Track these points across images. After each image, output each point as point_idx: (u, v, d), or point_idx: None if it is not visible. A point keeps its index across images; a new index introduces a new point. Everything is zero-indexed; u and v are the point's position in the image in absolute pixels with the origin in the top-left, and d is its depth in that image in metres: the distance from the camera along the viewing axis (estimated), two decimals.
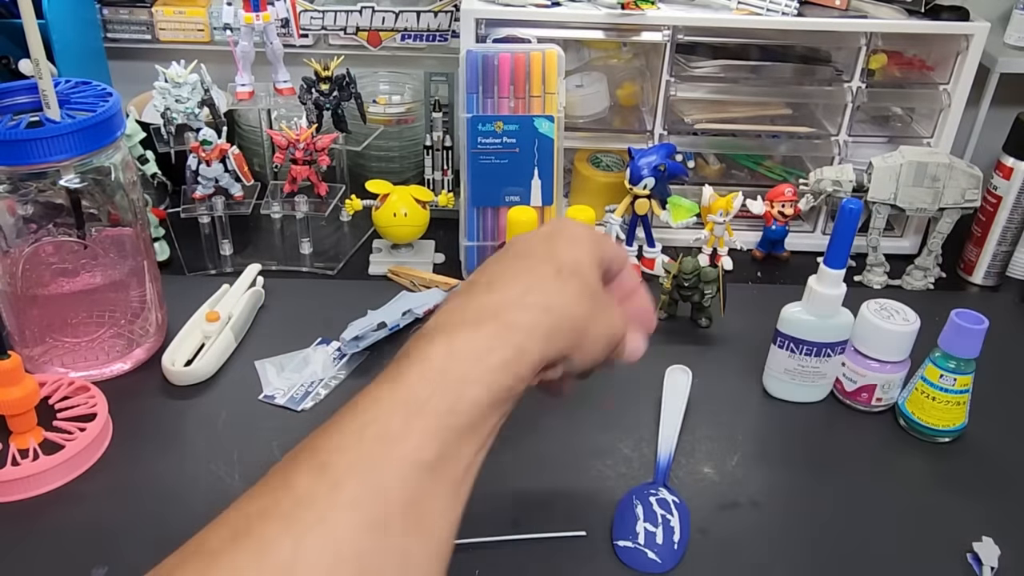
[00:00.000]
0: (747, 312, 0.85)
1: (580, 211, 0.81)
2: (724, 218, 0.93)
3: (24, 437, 0.65)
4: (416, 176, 1.09)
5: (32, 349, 0.74)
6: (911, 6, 0.91)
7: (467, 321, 0.43)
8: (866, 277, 0.95)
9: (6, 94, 0.69)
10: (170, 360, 0.75)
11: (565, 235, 0.50)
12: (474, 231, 0.90)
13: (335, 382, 0.75)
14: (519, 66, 0.84)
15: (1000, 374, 0.77)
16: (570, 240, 0.49)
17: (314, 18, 1.07)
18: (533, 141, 0.86)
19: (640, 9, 0.87)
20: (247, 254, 0.94)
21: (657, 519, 0.59)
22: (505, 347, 0.42)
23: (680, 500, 0.62)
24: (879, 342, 0.71)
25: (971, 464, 0.69)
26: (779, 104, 1.00)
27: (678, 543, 0.58)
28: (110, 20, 1.08)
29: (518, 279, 0.46)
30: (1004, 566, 0.59)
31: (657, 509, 0.60)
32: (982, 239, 0.94)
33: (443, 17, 1.07)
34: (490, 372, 0.41)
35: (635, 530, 0.59)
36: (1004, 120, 0.92)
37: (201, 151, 0.86)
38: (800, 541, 0.61)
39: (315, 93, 0.91)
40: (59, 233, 0.71)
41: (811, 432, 0.72)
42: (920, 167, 0.90)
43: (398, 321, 0.80)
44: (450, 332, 0.42)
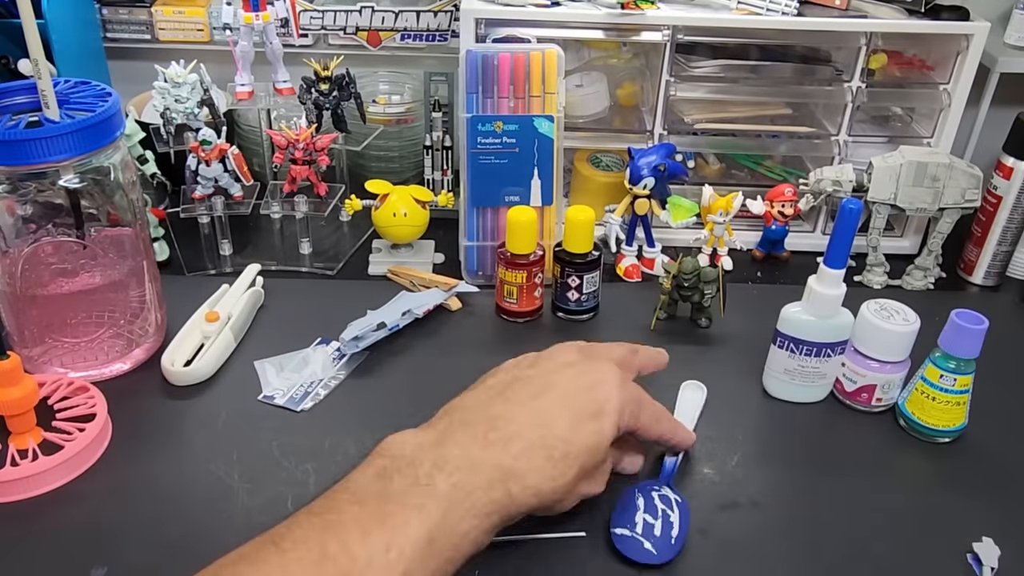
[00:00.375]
0: (747, 312, 0.85)
1: (580, 211, 0.81)
2: (724, 218, 0.93)
3: (23, 437, 0.64)
4: (416, 176, 1.09)
5: (31, 349, 0.74)
6: (911, 6, 0.91)
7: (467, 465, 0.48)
8: (866, 277, 0.95)
9: (5, 94, 0.69)
10: (170, 360, 0.75)
11: (593, 410, 0.53)
12: (474, 231, 0.90)
13: (335, 382, 0.75)
14: (519, 66, 0.84)
15: (1000, 374, 0.77)
16: (595, 417, 0.52)
17: (314, 18, 1.07)
18: (533, 141, 0.86)
19: (640, 9, 0.87)
20: (247, 254, 0.94)
21: (657, 512, 0.59)
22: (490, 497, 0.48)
23: (682, 499, 0.61)
24: (879, 342, 0.71)
25: (971, 464, 0.69)
26: (779, 104, 1.00)
27: (675, 538, 0.58)
28: (110, 20, 1.08)
29: (525, 440, 0.50)
30: (1004, 566, 0.59)
31: (658, 503, 0.60)
32: (982, 239, 0.94)
33: (443, 17, 1.07)
34: (476, 517, 0.47)
35: (634, 520, 0.59)
36: (1004, 120, 0.92)
37: (201, 151, 0.86)
38: (800, 541, 0.61)
39: (315, 93, 0.91)
40: (58, 233, 0.71)
41: (811, 432, 0.72)
42: (920, 167, 0.90)
43: (398, 321, 0.80)
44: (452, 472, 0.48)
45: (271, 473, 0.65)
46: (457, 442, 0.49)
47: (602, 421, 0.53)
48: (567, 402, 0.52)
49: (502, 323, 0.85)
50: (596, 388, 0.54)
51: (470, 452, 0.48)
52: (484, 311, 0.87)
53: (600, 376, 0.55)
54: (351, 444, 0.68)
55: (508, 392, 0.53)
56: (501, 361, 0.79)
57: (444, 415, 0.53)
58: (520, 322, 0.85)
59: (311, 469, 0.66)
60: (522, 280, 0.83)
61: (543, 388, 0.53)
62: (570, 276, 0.83)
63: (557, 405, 0.52)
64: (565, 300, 0.85)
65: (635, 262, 0.94)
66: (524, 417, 0.51)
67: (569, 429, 0.51)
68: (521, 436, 0.50)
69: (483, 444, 0.49)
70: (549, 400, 0.52)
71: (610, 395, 0.54)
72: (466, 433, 0.49)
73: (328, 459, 0.67)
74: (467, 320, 0.85)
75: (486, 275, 0.91)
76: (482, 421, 0.50)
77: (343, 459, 0.67)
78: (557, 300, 0.85)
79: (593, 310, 0.86)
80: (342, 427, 0.70)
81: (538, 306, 0.85)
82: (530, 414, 0.51)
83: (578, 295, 0.84)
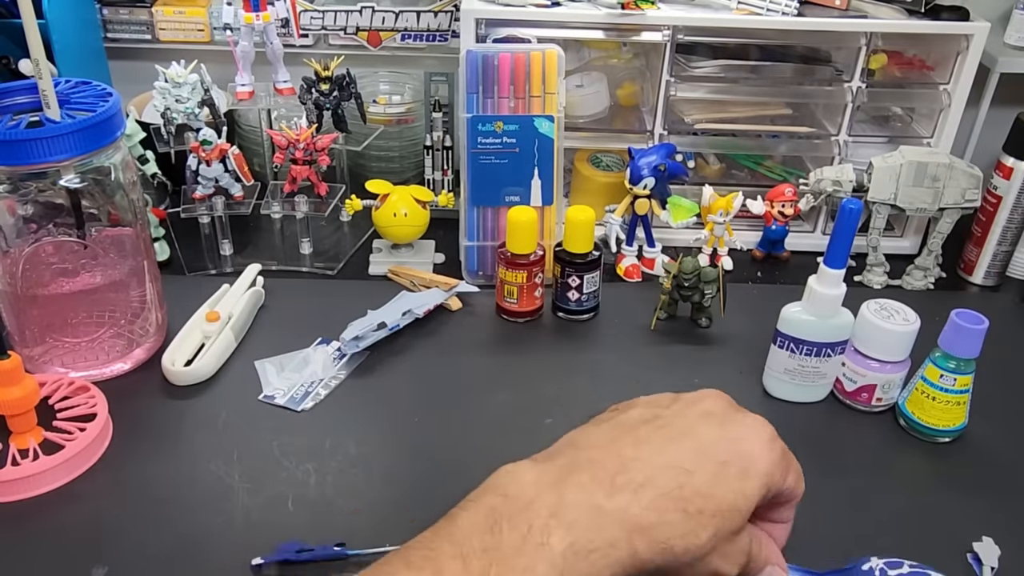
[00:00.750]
0: (747, 312, 0.85)
1: (580, 211, 0.81)
2: (724, 218, 0.93)
3: (24, 437, 0.65)
4: (416, 176, 1.09)
5: (32, 349, 0.74)
6: (911, 6, 0.91)
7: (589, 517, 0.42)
8: (866, 277, 0.95)
9: (6, 94, 0.69)
10: (170, 360, 0.75)
11: (743, 460, 0.46)
12: (474, 231, 0.90)
13: (335, 382, 0.75)
14: (519, 66, 0.84)
15: (1000, 374, 0.77)
16: (742, 474, 0.46)
17: (314, 18, 1.07)
18: (533, 141, 0.86)
19: (640, 9, 0.87)
20: (247, 254, 0.94)
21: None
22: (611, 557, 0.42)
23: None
24: (879, 342, 0.71)
25: (971, 464, 0.69)
26: (779, 104, 1.00)
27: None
28: (110, 20, 1.08)
29: (658, 489, 0.44)
30: (1004, 566, 0.59)
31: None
32: (982, 239, 0.94)
33: (443, 17, 1.07)
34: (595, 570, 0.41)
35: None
36: (1004, 120, 0.92)
37: (201, 151, 0.86)
38: (800, 541, 0.61)
39: (315, 93, 0.91)
40: (59, 233, 0.71)
41: (811, 432, 0.72)
42: (920, 167, 0.90)
43: (398, 321, 0.80)
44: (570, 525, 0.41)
45: (271, 473, 0.65)
46: (580, 484, 0.43)
47: (747, 481, 0.46)
48: (710, 453, 0.46)
49: (502, 323, 0.85)
50: (744, 442, 0.47)
51: (595, 499, 0.42)
52: (484, 311, 0.87)
53: (750, 431, 0.49)
54: (351, 444, 0.68)
55: (641, 432, 0.47)
56: (501, 361, 0.80)
57: (567, 447, 0.47)
58: (520, 322, 0.85)
59: (311, 469, 0.66)
60: (522, 280, 0.83)
61: (683, 433, 0.47)
62: (570, 276, 0.83)
63: (698, 455, 0.46)
64: (565, 300, 0.85)
65: (635, 262, 0.94)
66: (659, 462, 0.45)
67: (710, 483, 0.45)
68: (654, 484, 0.43)
69: (609, 490, 0.43)
70: (689, 447, 0.46)
71: (761, 454, 0.47)
72: (591, 474, 0.44)
73: (328, 459, 0.67)
74: (467, 320, 0.85)
75: (486, 275, 0.91)
76: (610, 461, 0.44)
77: (343, 459, 0.67)
78: (557, 300, 0.85)
79: (593, 310, 0.86)
80: (342, 427, 0.70)
81: (538, 306, 0.86)
82: (667, 460, 0.45)
83: (578, 295, 0.84)
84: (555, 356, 0.81)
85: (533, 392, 0.75)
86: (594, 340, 0.83)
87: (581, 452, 0.46)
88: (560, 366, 0.79)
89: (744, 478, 0.46)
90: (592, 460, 0.45)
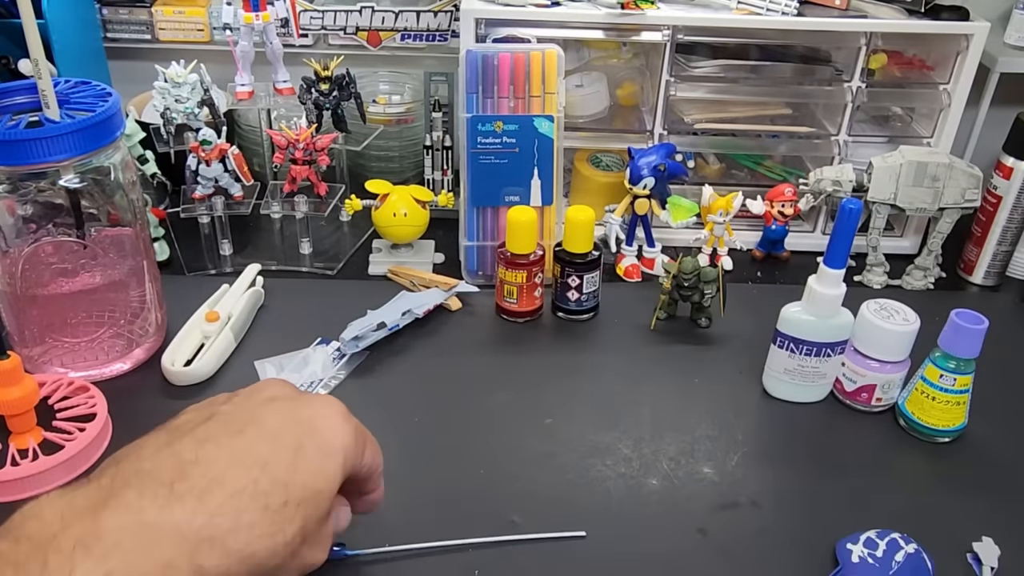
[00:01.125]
0: (747, 312, 0.85)
1: (580, 211, 0.81)
2: (724, 218, 0.93)
3: (24, 437, 0.64)
4: (416, 176, 1.09)
5: (32, 349, 0.74)
6: (911, 6, 0.91)
7: (133, 538, 0.35)
8: (866, 277, 0.95)
9: (6, 94, 0.69)
10: (170, 360, 0.75)
11: (319, 440, 0.42)
12: (474, 231, 0.90)
13: (335, 382, 0.75)
14: (519, 66, 0.84)
15: (1000, 374, 0.77)
16: (321, 454, 0.42)
17: (314, 18, 1.07)
18: (533, 141, 0.86)
19: (640, 9, 0.87)
20: (247, 254, 0.94)
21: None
22: (183, 571, 0.35)
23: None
24: (879, 342, 0.71)
25: (971, 464, 0.69)
26: (779, 104, 1.00)
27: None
28: (110, 20, 1.08)
29: (229, 488, 0.37)
30: (1004, 566, 0.59)
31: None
32: (982, 239, 0.94)
33: (443, 17, 1.07)
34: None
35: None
36: (1004, 120, 0.92)
37: (201, 151, 0.86)
38: (800, 541, 0.61)
39: (315, 93, 0.91)
40: (59, 233, 0.71)
41: (811, 432, 0.72)
42: (920, 167, 0.90)
43: (398, 321, 0.80)
44: (106, 553, 0.34)
45: None
46: (125, 503, 0.35)
47: (327, 461, 0.42)
48: (282, 439, 0.41)
49: (502, 323, 0.85)
50: (316, 421, 0.43)
51: (144, 516, 0.35)
52: (484, 311, 0.87)
53: (320, 409, 0.44)
54: None
55: (200, 432, 0.40)
56: (501, 361, 0.80)
57: (111, 464, 0.39)
58: (520, 322, 0.85)
59: None
60: (522, 280, 0.83)
61: (247, 423, 0.41)
62: (570, 276, 0.83)
63: (269, 443, 0.40)
64: (565, 300, 0.85)
65: (635, 262, 0.94)
66: (226, 460, 0.38)
67: (289, 470, 0.39)
68: (224, 484, 0.37)
69: (165, 502, 0.36)
70: (257, 437, 0.40)
71: (335, 430, 0.43)
72: (139, 488, 0.36)
73: None
74: (467, 320, 0.85)
75: (486, 275, 0.91)
76: (165, 469, 0.37)
77: None
78: (557, 300, 0.85)
79: (593, 310, 0.86)
80: None
81: (538, 306, 0.85)
82: (234, 455, 0.39)
83: (578, 295, 0.84)
84: (555, 356, 0.81)
85: (533, 392, 0.75)
86: (594, 340, 0.83)
87: (128, 466, 0.38)
88: (560, 366, 0.79)
89: (324, 458, 0.42)
90: (142, 472, 0.38)
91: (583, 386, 0.76)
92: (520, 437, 0.70)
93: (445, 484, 0.65)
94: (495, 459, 0.68)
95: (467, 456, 0.67)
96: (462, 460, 0.67)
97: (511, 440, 0.69)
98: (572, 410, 0.73)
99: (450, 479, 0.65)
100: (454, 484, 0.65)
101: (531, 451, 0.69)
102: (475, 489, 0.65)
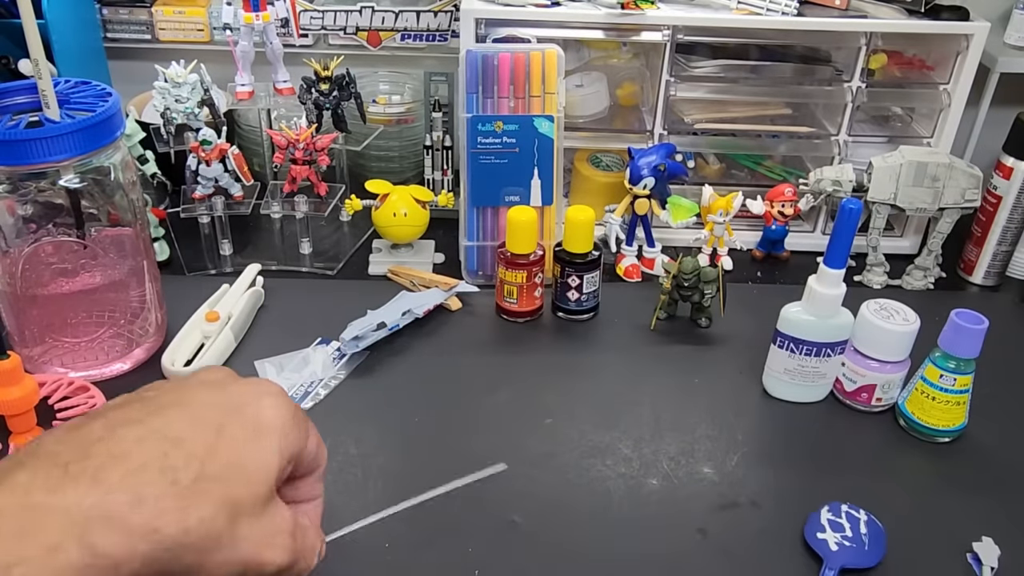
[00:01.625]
0: (747, 312, 0.85)
1: (580, 211, 0.81)
2: (724, 218, 0.93)
3: (24, 437, 0.64)
4: (416, 176, 1.09)
5: (32, 349, 0.74)
6: (911, 6, 0.91)
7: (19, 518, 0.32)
8: (866, 277, 0.95)
9: (6, 94, 0.69)
10: (170, 360, 0.75)
11: (248, 419, 0.38)
12: (474, 231, 0.90)
13: (335, 382, 0.75)
14: (519, 66, 0.84)
15: (1000, 374, 0.77)
16: (250, 431, 0.38)
17: (314, 18, 1.07)
18: (533, 141, 0.86)
19: (640, 9, 0.87)
20: (247, 254, 0.94)
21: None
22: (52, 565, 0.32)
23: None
24: (879, 342, 0.71)
25: (971, 464, 0.69)
26: (779, 104, 1.00)
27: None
28: (110, 20, 1.08)
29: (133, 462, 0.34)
30: (1004, 566, 0.59)
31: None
32: (982, 239, 0.94)
33: (443, 17, 1.07)
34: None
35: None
36: (1004, 120, 0.92)
37: (201, 151, 0.86)
38: (800, 541, 0.61)
39: (315, 93, 0.91)
40: (59, 233, 0.71)
41: (811, 432, 0.72)
42: (920, 167, 0.90)
43: (398, 321, 0.80)
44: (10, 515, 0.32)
45: None
46: (13, 486, 0.33)
47: (260, 440, 0.38)
48: (206, 417, 0.37)
49: (502, 323, 0.85)
50: (249, 401, 0.39)
51: (30, 499, 0.32)
52: (484, 311, 0.87)
53: (254, 389, 0.40)
54: (351, 444, 0.68)
55: (117, 413, 0.37)
56: (501, 361, 0.80)
57: (26, 448, 0.36)
58: (520, 322, 0.85)
59: None
60: (522, 280, 0.83)
61: (173, 404, 0.38)
62: (570, 276, 0.83)
63: (190, 421, 0.37)
64: (565, 300, 0.85)
65: (635, 262, 0.94)
66: (136, 436, 0.35)
67: (209, 447, 0.36)
68: (128, 459, 0.34)
69: (58, 483, 0.33)
70: (178, 416, 0.37)
71: (270, 409, 0.39)
72: (33, 471, 0.33)
73: (328, 459, 0.66)
74: (467, 320, 0.85)
75: (486, 275, 0.91)
76: (69, 451, 0.34)
77: (343, 459, 0.67)
78: (557, 300, 0.85)
79: (593, 310, 0.86)
80: (342, 427, 0.70)
81: (538, 306, 0.85)
82: (146, 432, 0.35)
83: (578, 295, 0.84)
84: (555, 356, 0.81)
85: (533, 392, 0.75)
86: (594, 340, 0.83)
87: (32, 447, 0.35)
88: (560, 366, 0.79)
89: (255, 437, 0.38)
90: (40, 453, 0.34)
91: (583, 386, 0.76)
92: (520, 437, 0.70)
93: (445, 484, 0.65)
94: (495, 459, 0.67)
95: (467, 456, 0.67)
96: (462, 460, 0.67)
97: (511, 440, 0.69)
98: (572, 410, 0.73)
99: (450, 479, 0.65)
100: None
101: (531, 451, 0.69)
102: (475, 489, 0.64)
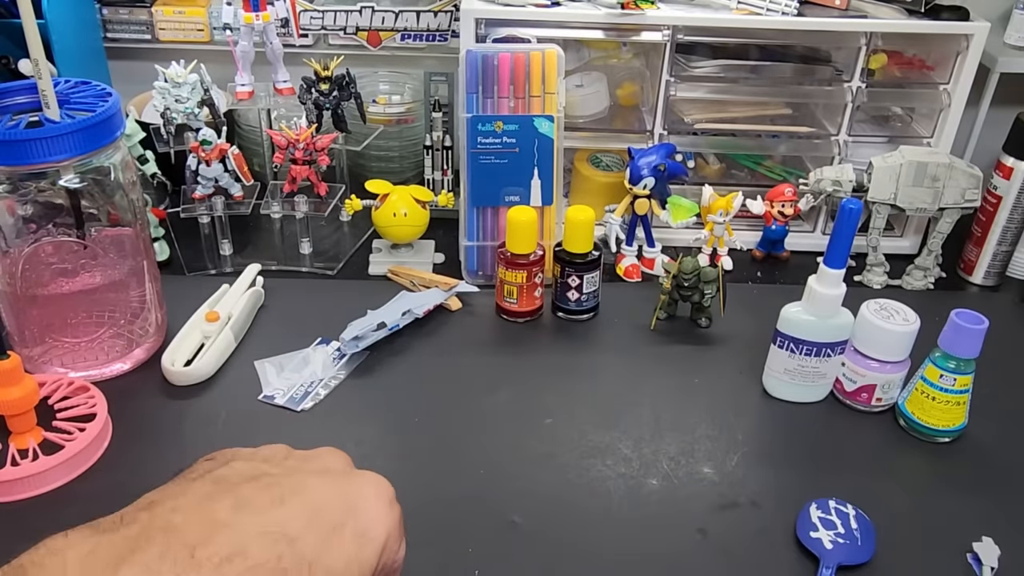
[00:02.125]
0: (747, 312, 0.85)
1: (580, 211, 0.81)
2: (724, 218, 0.93)
3: (24, 437, 0.64)
4: (416, 176, 1.09)
5: (32, 349, 0.74)
6: (911, 6, 0.91)
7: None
8: (866, 277, 0.95)
9: (6, 94, 0.69)
10: (170, 360, 0.75)
11: (360, 525, 0.40)
12: (474, 231, 0.90)
13: (335, 382, 0.75)
14: (519, 66, 0.84)
15: (1000, 374, 0.77)
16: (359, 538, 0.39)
17: (314, 18, 1.07)
18: (533, 141, 0.86)
19: (640, 9, 0.87)
20: (247, 254, 0.94)
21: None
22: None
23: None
24: (879, 342, 0.71)
25: (971, 464, 0.69)
26: (779, 104, 1.00)
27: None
28: (110, 20, 1.08)
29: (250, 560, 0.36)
30: (1004, 566, 0.59)
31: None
32: (982, 239, 0.94)
33: (443, 17, 1.07)
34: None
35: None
36: (1004, 120, 0.92)
37: (201, 151, 0.86)
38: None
39: (315, 93, 0.91)
40: (59, 233, 0.71)
41: (811, 432, 0.72)
42: (920, 167, 0.90)
43: (398, 321, 0.80)
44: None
45: None
46: (145, 563, 0.34)
47: (364, 548, 0.39)
48: (323, 515, 0.39)
49: (502, 323, 0.85)
50: (361, 504, 0.40)
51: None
52: (484, 311, 0.87)
53: (371, 489, 0.42)
54: (351, 444, 0.68)
55: (243, 491, 0.38)
56: (501, 361, 0.80)
57: (143, 509, 0.38)
58: (520, 322, 0.85)
59: None
60: (522, 280, 0.83)
61: (293, 492, 0.39)
62: (570, 276, 0.83)
63: (305, 516, 0.38)
64: (565, 300, 0.85)
65: (635, 262, 0.94)
66: (256, 528, 0.36)
67: (318, 550, 0.37)
68: (246, 555, 0.35)
69: (184, 566, 0.34)
70: (298, 510, 0.38)
71: (379, 516, 0.41)
72: (163, 548, 0.35)
73: None
74: (467, 320, 0.85)
75: (486, 275, 0.91)
76: (195, 529, 0.36)
77: None
78: (557, 300, 0.85)
79: (593, 310, 0.86)
80: (342, 427, 0.70)
81: (538, 306, 0.85)
82: (268, 524, 0.37)
83: (578, 295, 0.84)
84: (555, 356, 0.81)
85: (533, 392, 0.75)
86: (594, 340, 0.83)
87: (159, 517, 0.37)
88: (560, 366, 0.79)
89: (360, 544, 0.39)
90: (170, 528, 0.36)
91: (583, 386, 0.76)
92: (520, 437, 0.70)
93: (445, 484, 0.65)
94: (495, 459, 0.68)
95: (467, 456, 0.67)
96: (462, 460, 0.67)
97: (511, 440, 0.69)
98: (572, 410, 0.73)
99: (450, 479, 0.65)
100: (454, 484, 0.65)
101: (531, 451, 0.69)
102: (475, 489, 0.65)
